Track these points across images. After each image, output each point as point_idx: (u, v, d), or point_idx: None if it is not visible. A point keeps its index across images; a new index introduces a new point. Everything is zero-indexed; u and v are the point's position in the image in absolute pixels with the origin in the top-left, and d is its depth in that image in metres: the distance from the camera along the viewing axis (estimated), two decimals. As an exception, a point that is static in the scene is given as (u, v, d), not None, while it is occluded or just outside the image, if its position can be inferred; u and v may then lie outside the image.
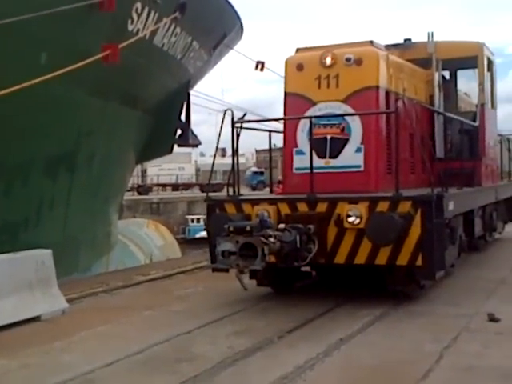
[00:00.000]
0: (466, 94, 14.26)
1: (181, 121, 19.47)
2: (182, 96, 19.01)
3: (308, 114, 9.88)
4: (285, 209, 9.32)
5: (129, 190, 39.14)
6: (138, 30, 14.17)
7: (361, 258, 8.84)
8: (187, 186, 62.30)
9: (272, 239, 8.04)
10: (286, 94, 10.52)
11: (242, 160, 21.35)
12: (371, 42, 10.20)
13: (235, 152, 10.36)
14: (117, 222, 21.56)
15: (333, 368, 6.86)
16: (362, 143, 9.69)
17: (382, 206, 8.72)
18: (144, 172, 46.60)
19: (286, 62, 10.58)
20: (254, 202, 9.64)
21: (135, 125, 17.42)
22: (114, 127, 15.90)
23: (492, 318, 8.29)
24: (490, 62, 13.73)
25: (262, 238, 7.88)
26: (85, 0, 12.32)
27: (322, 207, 9.07)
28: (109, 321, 9.04)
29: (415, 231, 8.55)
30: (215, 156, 11.82)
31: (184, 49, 17.05)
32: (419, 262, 8.57)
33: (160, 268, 13.92)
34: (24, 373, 6.91)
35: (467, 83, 13.84)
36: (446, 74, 13.34)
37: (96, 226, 17.91)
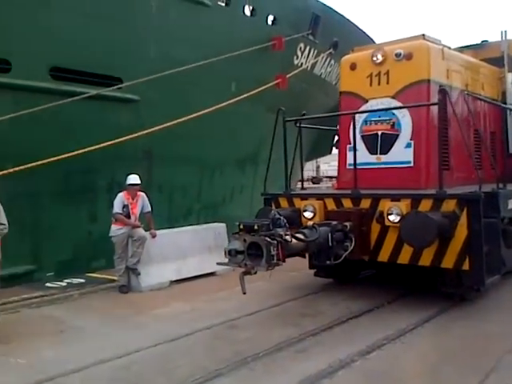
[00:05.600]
0: None
1: (336, 129, 18.60)
2: (336, 111, 18.14)
3: (360, 111, 7.76)
4: (331, 204, 7.25)
5: (305, 180, 38.78)
6: (301, 64, 13.67)
7: (404, 258, 6.60)
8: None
9: (288, 238, 5.65)
10: (340, 93, 8.38)
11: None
12: (423, 35, 7.72)
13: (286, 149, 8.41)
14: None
15: (430, 334, 5.87)
16: (411, 139, 7.39)
17: (425, 205, 6.43)
18: (318, 167, 45.87)
19: (341, 63, 8.50)
20: (303, 197, 7.63)
21: (304, 133, 16.83)
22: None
23: None
24: None
25: (267, 238, 5.39)
26: (262, 43, 12.08)
27: (365, 203, 6.94)
28: (263, 278, 8.53)
29: (461, 232, 6.17)
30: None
31: (337, 76, 16.18)
32: (466, 266, 6.16)
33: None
34: (192, 314, 6.74)
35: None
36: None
37: (274, 204, 17.61)
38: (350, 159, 7.83)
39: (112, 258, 8.42)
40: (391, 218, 6.55)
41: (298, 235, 5.92)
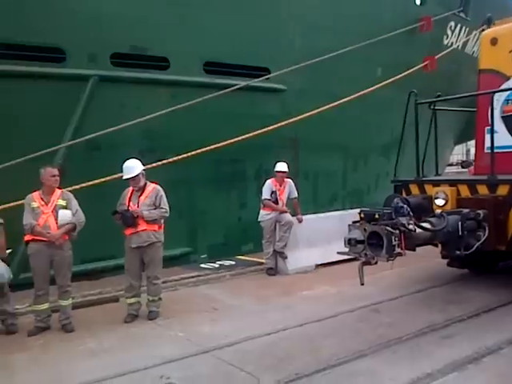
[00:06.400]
0: None
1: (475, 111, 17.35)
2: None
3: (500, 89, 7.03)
4: (464, 191, 6.61)
5: (454, 165, 36.55)
6: (451, 43, 13.00)
7: None
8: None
9: (412, 227, 5.21)
10: (479, 71, 7.75)
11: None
12: None
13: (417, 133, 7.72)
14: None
15: None
16: None
17: None
18: (467, 151, 43.15)
19: (481, 38, 7.78)
20: (435, 184, 6.99)
21: (452, 116, 16.02)
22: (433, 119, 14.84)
23: None
24: None
25: (388, 227, 5.02)
26: (409, 25, 11.77)
27: (503, 190, 6.25)
28: (405, 264, 8.40)
29: None
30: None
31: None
32: None
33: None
34: (337, 297, 6.94)
35: None
36: None
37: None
38: (488, 142, 7.14)
39: (260, 242, 8.90)
40: None
41: (423, 224, 5.57)
